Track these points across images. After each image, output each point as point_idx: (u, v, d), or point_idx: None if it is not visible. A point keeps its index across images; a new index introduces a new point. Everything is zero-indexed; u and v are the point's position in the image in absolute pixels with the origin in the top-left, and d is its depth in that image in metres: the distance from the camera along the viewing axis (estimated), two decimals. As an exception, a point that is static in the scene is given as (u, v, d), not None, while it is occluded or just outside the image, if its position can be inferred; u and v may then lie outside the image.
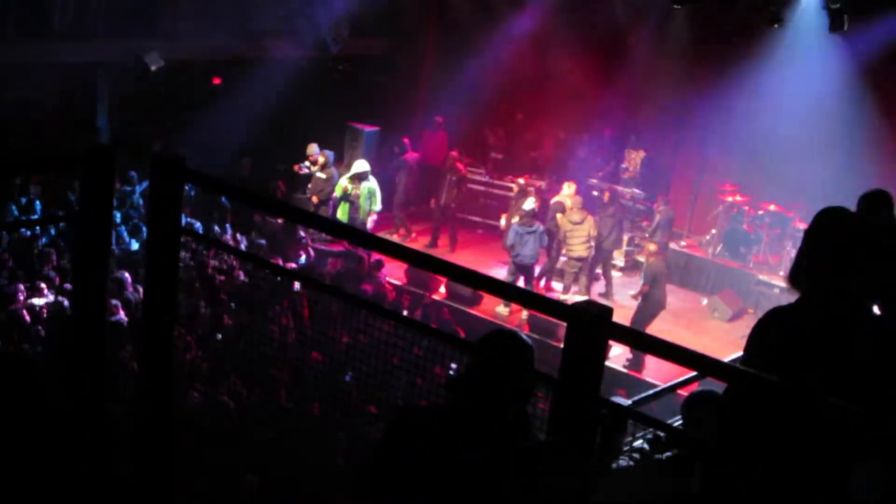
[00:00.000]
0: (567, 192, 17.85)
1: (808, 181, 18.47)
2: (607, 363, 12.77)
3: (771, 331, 3.80)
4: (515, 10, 21.47)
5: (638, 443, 4.68)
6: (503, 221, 18.30)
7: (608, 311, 3.43)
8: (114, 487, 4.74)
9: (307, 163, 18.83)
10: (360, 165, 18.31)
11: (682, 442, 4.18)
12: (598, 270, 18.20)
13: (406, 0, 20.79)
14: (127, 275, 13.14)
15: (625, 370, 15.06)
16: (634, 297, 16.36)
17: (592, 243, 17.33)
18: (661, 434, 4.44)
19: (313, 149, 18.86)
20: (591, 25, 21.26)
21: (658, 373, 14.46)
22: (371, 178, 18.27)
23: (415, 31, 20.79)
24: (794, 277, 3.84)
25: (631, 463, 4.44)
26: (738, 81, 19.38)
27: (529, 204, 16.95)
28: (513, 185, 19.98)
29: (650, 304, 15.66)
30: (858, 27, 17.46)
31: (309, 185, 18.93)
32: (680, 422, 5.14)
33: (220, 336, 12.75)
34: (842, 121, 18.26)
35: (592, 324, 3.37)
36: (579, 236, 17.13)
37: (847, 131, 18.36)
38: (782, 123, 19.03)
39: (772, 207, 18.76)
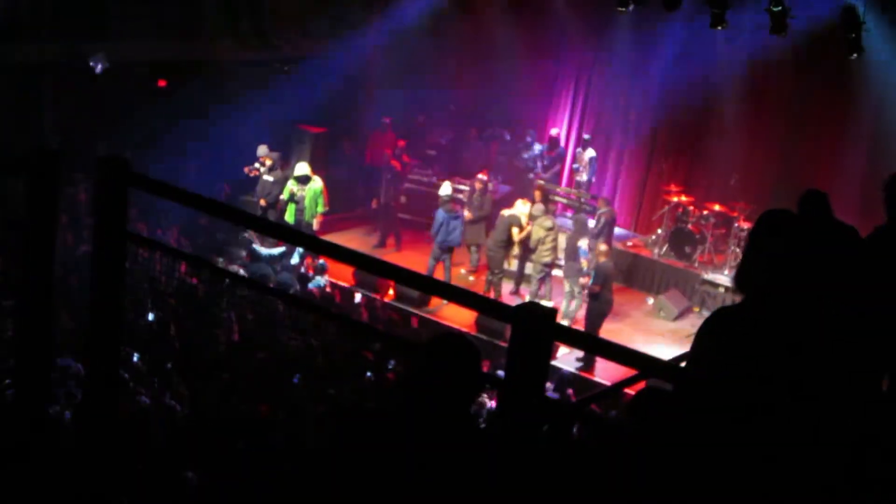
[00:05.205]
0: (522, 210, 17.78)
1: (751, 182, 18.79)
2: (558, 364, 12.83)
3: (716, 331, 3.86)
4: (459, 10, 21.55)
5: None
6: (466, 213, 18.52)
7: (552, 313, 3.47)
8: (58, 485, 4.73)
9: (257, 164, 18.74)
10: (302, 168, 18.31)
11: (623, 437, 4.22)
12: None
13: (350, 0, 20.77)
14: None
15: (576, 371, 15.13)
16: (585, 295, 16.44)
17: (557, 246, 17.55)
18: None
19: (263, 150, 18.78)
20: (534, 27, 21.42)
21: (609, 373, 14.55)
22: (317, 179, 18.24)
23: (359, 31, 20.74)
24: (740, 279, 3.90)
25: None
26: (684, 82, 19.61)
27: (446, 189, 17.81)
28: (459, 186, 20.15)
29: (601, 304, 15.75)
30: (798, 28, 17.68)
31: (256, 188, 18.86)
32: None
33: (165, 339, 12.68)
34: (783, 121, 18.57)
35: (536, 325, 3.40)
36: (550, 242, 17.27)
37: (788, 132, 18.66)
38: (726, 124, 19.34)
39: (717, 207, 18.94)
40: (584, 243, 17.13)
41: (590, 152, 20.71)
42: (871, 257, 5.12)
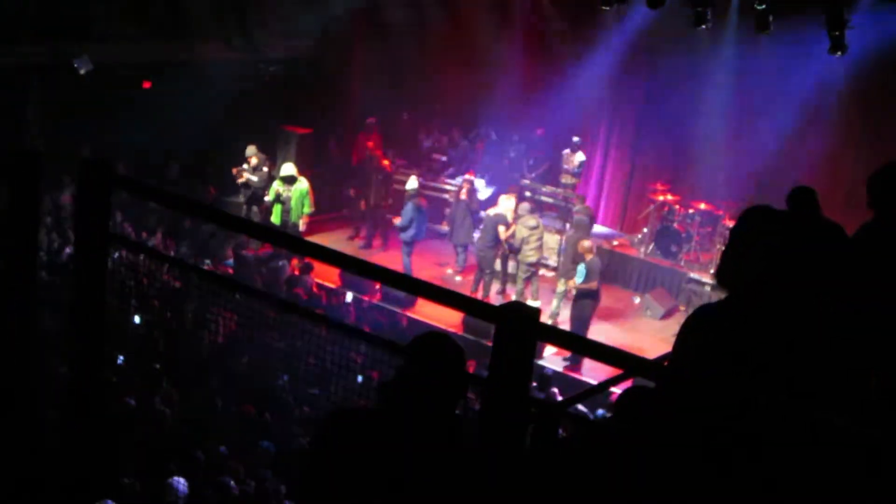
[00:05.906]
0: (507, 206, 17.70)
1: (737, 180, 18.79)
2: (545, 363, 12.75)
3: (697, 329, 3.85)
4: (443, 12, 21.53)
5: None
6: (463, 194, 18.59)
7: (536, 312, 3.46)
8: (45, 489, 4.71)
9: (245, 165, 18.69)
10: (287, 168, 18.28)
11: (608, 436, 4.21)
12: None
13: (334, 1, 20.71)
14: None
15: (562, 370, 15.10)
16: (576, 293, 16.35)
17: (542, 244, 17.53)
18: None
19: (252, 150, 18.74)
20: (519, 26, 21.46)
21: (595, 372, 14.53)
22: (303, 180, 18.21)
23: (344, 32, 20.71)
24: (721, 276, 3.88)
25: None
26: (668, 81, 19.63)
27: (413, 184, 18.20)
28: (446, 186, 20.14)
29: (592, 301, 15.73)
30: (783, 27, 17.67)
31: (241, 188, 18.81)
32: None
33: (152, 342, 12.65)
34: (770, 119, 18.58)
35: (521, 325, 3.39)
36: (535, 241, 17.22)
37: (776, 130, 18.66)
38: (712, 122, 19.34)
39: (702, 206, 18.95)
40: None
41: (580, 156, 20.66)
42: (862, 254, 5.12)
